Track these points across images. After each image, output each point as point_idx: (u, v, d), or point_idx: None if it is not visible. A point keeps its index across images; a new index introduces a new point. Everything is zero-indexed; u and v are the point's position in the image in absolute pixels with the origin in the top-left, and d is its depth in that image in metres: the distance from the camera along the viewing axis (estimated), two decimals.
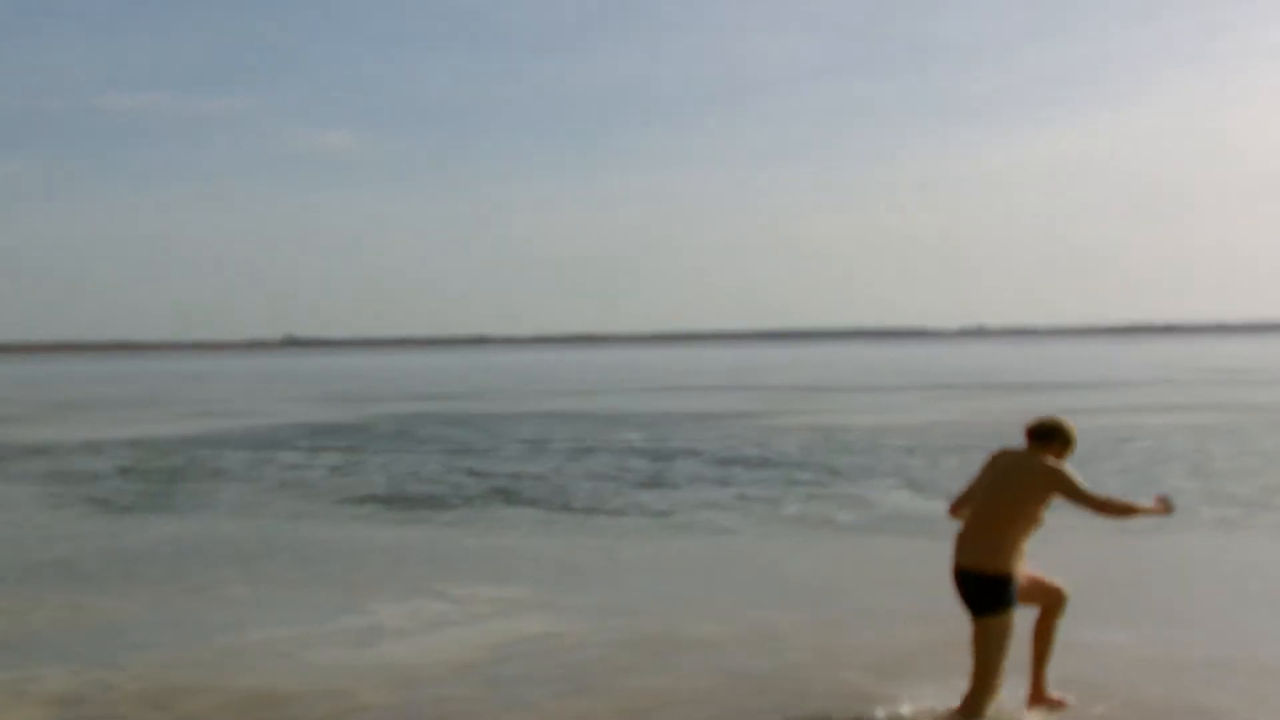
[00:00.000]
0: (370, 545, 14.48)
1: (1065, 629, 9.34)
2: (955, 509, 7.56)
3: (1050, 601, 7.54)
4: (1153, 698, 7.84)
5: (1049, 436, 7.41)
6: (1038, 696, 7.58)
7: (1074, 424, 7.50)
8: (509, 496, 18.55)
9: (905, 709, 7.57)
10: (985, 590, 7.19)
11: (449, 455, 25.18)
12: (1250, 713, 7.55)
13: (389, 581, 12.12)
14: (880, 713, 7.53)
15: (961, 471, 20.51)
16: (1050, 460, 7.32)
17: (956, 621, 9.69)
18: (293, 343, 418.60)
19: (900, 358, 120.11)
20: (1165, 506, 7.42)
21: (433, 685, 8.55)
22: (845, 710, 7.61)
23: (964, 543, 7.32)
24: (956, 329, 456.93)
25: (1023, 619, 7.36)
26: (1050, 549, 13.32)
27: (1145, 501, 7.51)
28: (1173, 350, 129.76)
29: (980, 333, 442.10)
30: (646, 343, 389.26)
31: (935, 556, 13.12)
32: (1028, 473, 7.27)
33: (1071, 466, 7.37)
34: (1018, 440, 7.52)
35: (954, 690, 7.70)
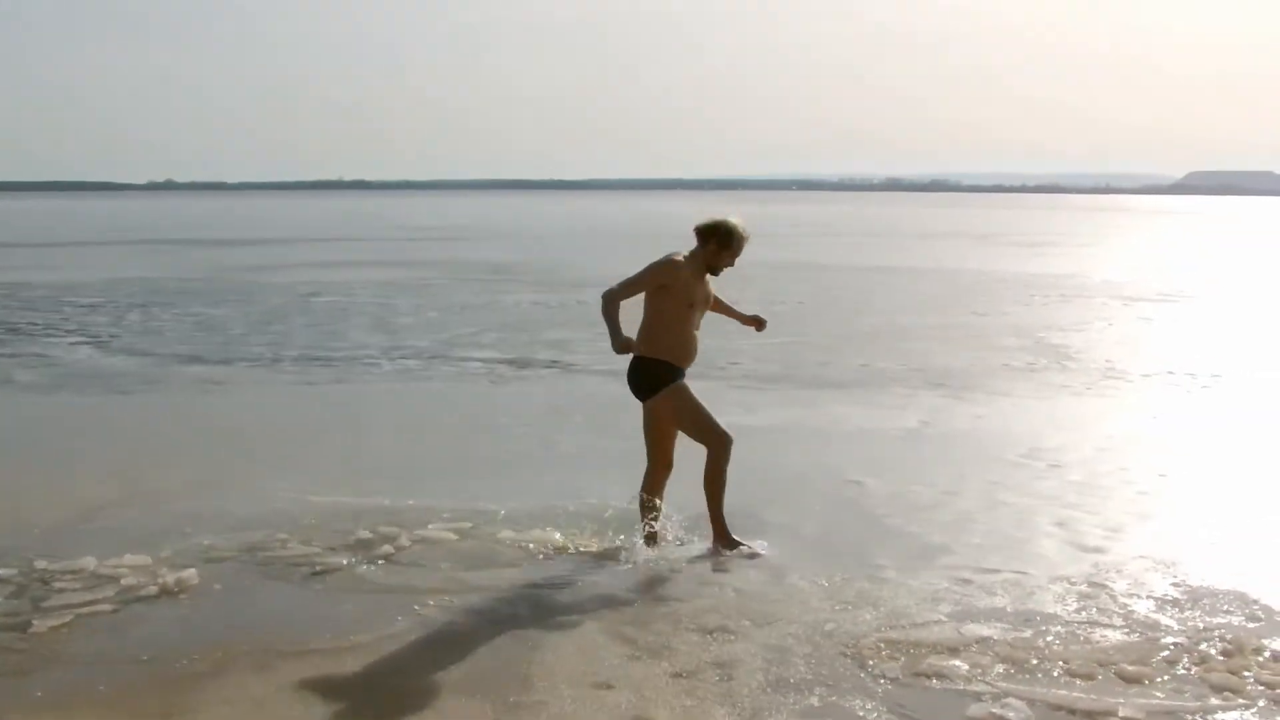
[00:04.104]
0: None
1: (256, 480, 9.68)
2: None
3: (712, 442, 7.60)
4: (338, 534, 8.05)
5: (704, 235, 7.57)
6: (722, 537, 7.68)
7: (736, 223, 7.54)
8: None
9: (88, 562, 7.36)
10: (639, 371, 7.54)
11: None
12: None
13: None
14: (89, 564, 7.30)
15: (145, 326, 20.23)
16: (670, 252, 7.53)
17: (140, 477, 9.70)
18: None
19: (87, 212, 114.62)
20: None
21: None
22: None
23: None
24: (145, 183, 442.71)
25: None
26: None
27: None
28: (362, 207, 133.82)
29: (169, 187, 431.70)
30: None
31: (120, 411, 12.96)
32: None
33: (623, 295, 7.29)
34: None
35: (160, 537, 7.69)
